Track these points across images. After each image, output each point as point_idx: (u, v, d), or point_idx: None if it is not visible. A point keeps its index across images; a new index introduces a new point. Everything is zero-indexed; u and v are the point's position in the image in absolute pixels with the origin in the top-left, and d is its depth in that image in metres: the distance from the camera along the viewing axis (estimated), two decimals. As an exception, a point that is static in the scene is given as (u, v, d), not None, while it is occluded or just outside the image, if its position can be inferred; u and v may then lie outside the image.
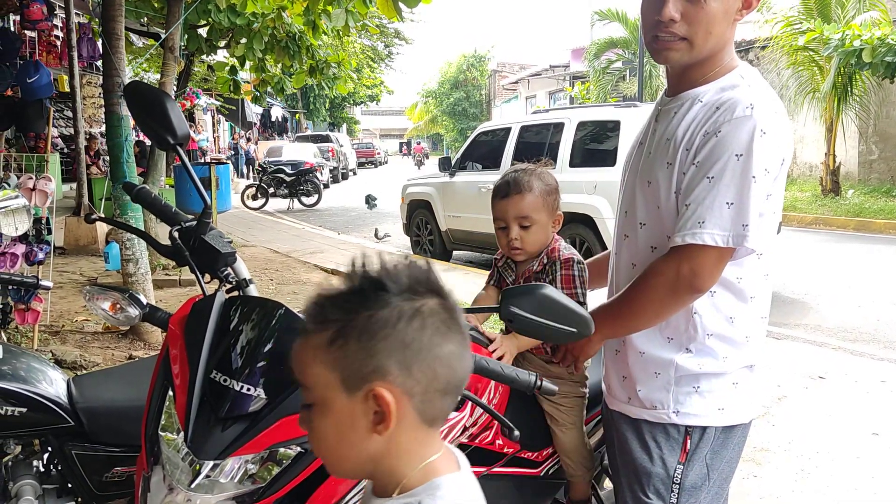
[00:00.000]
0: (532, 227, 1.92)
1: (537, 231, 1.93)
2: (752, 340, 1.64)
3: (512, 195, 1.92)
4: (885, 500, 3.24)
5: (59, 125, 15.45)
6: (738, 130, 1.46)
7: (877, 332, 6.00)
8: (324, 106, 40.48)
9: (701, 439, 1.65)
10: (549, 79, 34.16)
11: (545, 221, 1.94)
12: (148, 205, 1.76)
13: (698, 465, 1.66)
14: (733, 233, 1.47)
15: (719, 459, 1.68)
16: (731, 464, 1.72)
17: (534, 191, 1.92)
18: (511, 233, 1.92)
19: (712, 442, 1.66)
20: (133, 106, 1.61)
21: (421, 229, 10.20)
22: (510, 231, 1.93)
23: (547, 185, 1.95)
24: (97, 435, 2.20)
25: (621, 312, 1.64)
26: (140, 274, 5.26)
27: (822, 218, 12.73)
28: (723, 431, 1.66)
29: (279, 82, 11.18)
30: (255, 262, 9.29)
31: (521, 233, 1.92)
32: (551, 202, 1.95)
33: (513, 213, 1.91)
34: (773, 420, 4.09)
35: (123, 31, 5.29)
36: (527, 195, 1.91)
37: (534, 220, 1.91)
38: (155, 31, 9.69)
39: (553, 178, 2.00)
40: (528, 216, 1.91)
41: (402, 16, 5.13)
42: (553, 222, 1.97)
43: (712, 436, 1.65)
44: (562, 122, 8.19)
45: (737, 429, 1.69)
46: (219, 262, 1.63)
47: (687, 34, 1.52)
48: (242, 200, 18.16)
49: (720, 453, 1.67)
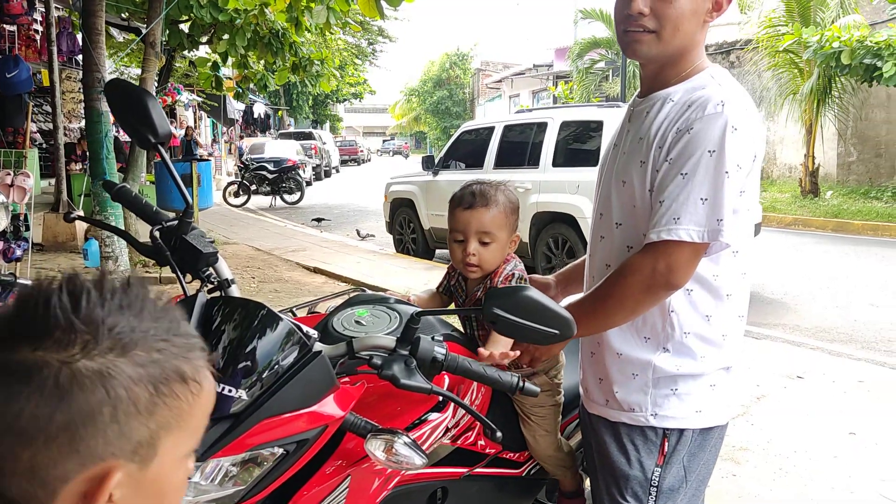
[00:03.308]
0: (491, 245, 1.82)
1: (495, 250, 1.83)
2: (730, 339, 1.65)
3: (477, 207, 1.82)
4: (862, 498, 3.28)
5: (38, 120, 15.27)
6: (710, 127, 1.48)
7: (854, 332, 6.08)
8: (307, 103, 40.28)
9: (678, 442, 1.66)
10: (533, 78, 34.22)
11: (504, 241, 1.84)
12: (128, 204, 1.73)
13: (676, 467, 1.67)
14: (708, 228, 1.48)
15: (696, 461, 1.69)
16: (708, 465, 1.73)
17: (499, 205, 1.83)
18: (469, 247, 1.81)
19: (690, 444, 1.66)
20: (114, 103, 1.59)
21: (404, 228, 10.19)
22: (468, 245, 1.81)
23: (511, 203, 1.87)
24: None
25: (595, 310, 1.61)
26: (119, 271, 5.21)
27: (802, 219, 12.86)
28: (700, 434, 1.67)
29: (262, 79, 11.15)
30: (236, 259, 9.24)
31: (479, 248, 1.81)
32: (513, 221, 1.87)
33: (475, 227, 1.81)
34: (752, 419, 4.13)
35: (104, 26, 5.25)
36: (492, 209, 1.82)
37: (495, 238, 1.81)
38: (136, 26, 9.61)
39: (516, 196, 1.92)
40: (490, 232, 1.81)
41: (384, 15, 5.11)
42: (511, 243, 1.87)
43: (690, 438, 1.66)
44: (545, 121, 8.22)
45: (714, 430, 1.70)
46: (200, 262, 1.61)
47: (655, 28, 1.55)
48: (224, 197, 18.05)
49: (697, 455, 1.68)
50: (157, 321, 0.70)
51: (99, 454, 0.65)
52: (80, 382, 0.63)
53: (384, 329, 1.67)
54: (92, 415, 0.64)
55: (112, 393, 0.64)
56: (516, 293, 1.40)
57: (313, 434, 1.37)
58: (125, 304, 0.69)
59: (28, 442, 0.63)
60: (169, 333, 0.70)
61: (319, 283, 7.95)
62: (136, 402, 0.66)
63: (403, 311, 1.73)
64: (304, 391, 1.37)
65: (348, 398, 1.44)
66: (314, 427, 1.37)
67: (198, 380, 0.72)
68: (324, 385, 1.40)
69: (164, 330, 0.70)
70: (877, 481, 3.41)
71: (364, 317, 1.73)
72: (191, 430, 0.73)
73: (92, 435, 0.64)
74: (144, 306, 0.70)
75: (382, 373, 1.43)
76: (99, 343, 0.65)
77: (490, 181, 1.89)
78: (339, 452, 1.51)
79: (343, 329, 1.68)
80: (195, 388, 0.71)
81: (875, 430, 3.97)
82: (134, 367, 0.66)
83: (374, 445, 1.40)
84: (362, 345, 1.49)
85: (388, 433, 1.40)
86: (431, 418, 1.67)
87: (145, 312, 0.70)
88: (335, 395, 1.41)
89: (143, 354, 0.67)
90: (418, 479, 1.69)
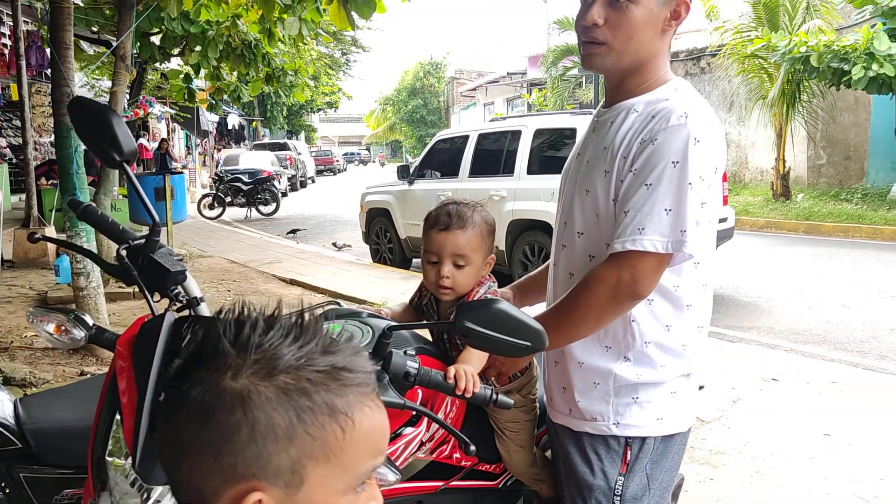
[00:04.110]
0: (466, 268, 1.77)
1: (469, 273, 1.78)
2: (690, 349, 1.65)
3: (452, 229, 1.77)
4: (837, 500, 3.32)
5: (7, 135, 15.07)
6: (674, 138, 1.49)
7: (827, 334, 6.15)
8: (281, 113, 40.13)
9: (640, 450, 1.66)
10: (507, 86, 34.40)
11: (479, 263, 1.80)
12: (94, 223, 1.71)
13: (639, 475, 1.67)
14: (672, 238, 1.49)
15: (659, 469, 1.69)
16: (671, 472, 1.74)
17: (475, 227, 1.78)
18: (443, 269, 1.76)
19: (652, 452, 1.67)
20: (77, 122, 1.57)
21: (380, 237, 10.17)
22: (442, 267, 1.76)
23: (488, 225, 1.83)
24: (46, 456, 2.14)
25: (560, 322, 1.60)
26: (92, 287, 5.15)
27: (774, 221, 13.03)
28: (662, 441, 1.67)
29: (235, 90, 11.08)
30: (211, 272, 9.16)
31: (453, 271, 1.77)
32: (489, 243, 1.83)
33: (450, 249, 1.76)
34: (729, 423, 4.16)
35: (72, 40, 5.19)
36: (468, 231, 1.77)
37: (469, 261, 1.77)
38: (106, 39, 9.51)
39: (493, 219, 1.89)
40: (465, 255, 1.76)
41: (355, 25, 5.11)
42: (485, 265, 1.83)
43: (652, 446, 1.67)
44: (519, 129, 8.25)
45: (676, 437, 1.70)
46: (168, 280, 1.59)
47: (608, 39, 1.56)
48: (199, 210, 17.91)
49: (660, 463, 1.69)
50: (324, 354, 0.72)
51: (240, 472, 0.68)
52: (223, 402, 0.68)
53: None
54: (231, 434, 0.68)
55: (249, 414, 0.68)
56: (488, 306, 1.40)
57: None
58: (291, 334, 0.72)
59: (184, 455, 0.70)
60: (332, 366, 0.72)
61: (296, 296, 7.91)
62: (273, 427, 0.68)
63: (376, 326, 1.72)
64: None
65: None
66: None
67: (349, 415, 0.71)
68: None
69: (326, 362, 0.72)
70: (851, 482, 3.44)
71: (336, 332, 1.72)
72: (345, 466, 0.72)
73: (231, 453, 0.68)
74: (312, 338, 0.73)
75: (354, 389, 1.42)
76: (245, 366, 0.69)
77: (467, 202, 1.85)
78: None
79: (315, 345, 1.67)
80: (345, 423, 0.71)
81: (849, 430, 4.02)
82: (276, 391, 0.69)
83: (346, 463, 1.39)
84: (334, 361, 1.47)
85: (360, 450, 1.39)
86: (406, 433, 1.66)
87: (311, 344, 0.72)
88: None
89: (291, 382, 0.69)
90: (393, 494, 1.68)
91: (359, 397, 0.73)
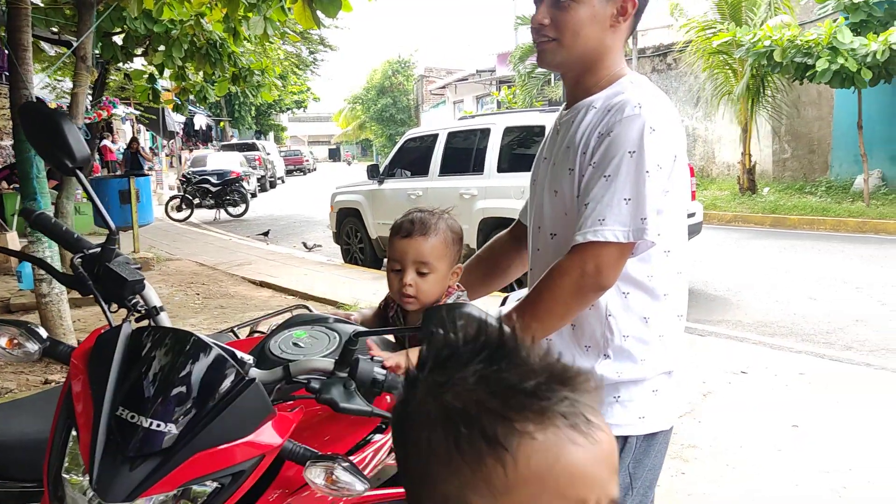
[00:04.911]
0: (430, 276, 1.74)
1: (434, 281, 1.75)
2: (668, 340, 1.66)
3: (415, 236, 1.74)
4: (805, 491, 3.35)
5: (-34, 138, 14.70)
6: (628, 129, 1.51)
7: (794, 326, 6.23)
8: (249, 113, 39.75)
9: (623, 449, 1.66)
10: (477, 83, 34.39)
11: (444, 272, 1.76)
12: (48, 231, 1.65)
13: (621, 474, 1.66)
14: (633, 227, 1.50)
15: (642, 468, 1.69)
16: (654, 471, 1.74)
17: (439, 235, 1.75)
18: (406, 277, 1.73)
19: (634, 451, 1.67)
20: (28, 127, 1.52)
21: (351, 237, 10.11)
22: (405, 275, 1.73)
23: (454, 233, 1.80)
24: (7, 470, 2.08)
25: (524, 316, 1.58)
26: (55, 294, 5.04)
27: (741, 215, 13.20)
28: (644, 439, 1.67)
29: (201, 90, 10.92)
30: (180, 275, 9.04)
31: (416, 279, 1.73)
32: (454, 252, 1.80)
33: (412, 256, 1.73)
34: (699, 417, 4.19)
35: (31, 41, 5.07)
36: (431, 238, 1.74)
37: (433, 268, 1.74)
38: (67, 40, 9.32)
39: (460, 227, 1.86)
40: (428, 262, 1.73)
41: (320, 24, 5.06)
42: (452, 274, 1.80)
43: (634, 445, 1.66)
44: (488, 127, 8.25)
45: (658, 436, 1.70)
46: (126, 290, 1.54)
47: (556, 36, 1.61)
48: (166, 212, 17.67)
49: (642, 461, 1.69)
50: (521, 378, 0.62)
51: (415, 492, 0.66)
52: (410, 419, 0.66)
53: (323, 351, 1.64)
54: (411, 449, 0.66)
55: (412, 434, 0.66)
56: (454, 310, 1.38)
57: (249, 465, 1.33)
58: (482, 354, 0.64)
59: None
60: (512, 388, 0.61)
61: (266, 298, 7.83)
62: (436, 450, 0.63)
63: (342, 332, 1.69)
64: (238, 421, 1.33)
65: (286, 425, 1.40)
66: (250, 458, 1.33)
67: (508, 448, 0.59)
68: (259, 413, 1.36)
69: (509, 383, 0.61)
70: (820, 473, 3.48)
71: (302, 338, 1.69)
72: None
73: (412, 469, 0.66)
74: (505, 356, 0.64)
75: (321, 397, 1.40)
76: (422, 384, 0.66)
77: (432, 209, 1.83)
78: (279, 482, 1.47)
79: (280, 352, 1.64)
80: (503, 457, 0.59)
81: (816, 421, 4.07)
82: (442, 411, 0.63)
83: (313, 473, 1.36)
84: (299, 368, 1.45)
85: (327, 460, 1.37)
86: (375, 440, 1.64)
87: (503, 364, 0.63)
88: (272, 422, 1.37)
89: (456, 405, 0.62)
90: (364, 502, 1.65)
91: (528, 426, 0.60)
